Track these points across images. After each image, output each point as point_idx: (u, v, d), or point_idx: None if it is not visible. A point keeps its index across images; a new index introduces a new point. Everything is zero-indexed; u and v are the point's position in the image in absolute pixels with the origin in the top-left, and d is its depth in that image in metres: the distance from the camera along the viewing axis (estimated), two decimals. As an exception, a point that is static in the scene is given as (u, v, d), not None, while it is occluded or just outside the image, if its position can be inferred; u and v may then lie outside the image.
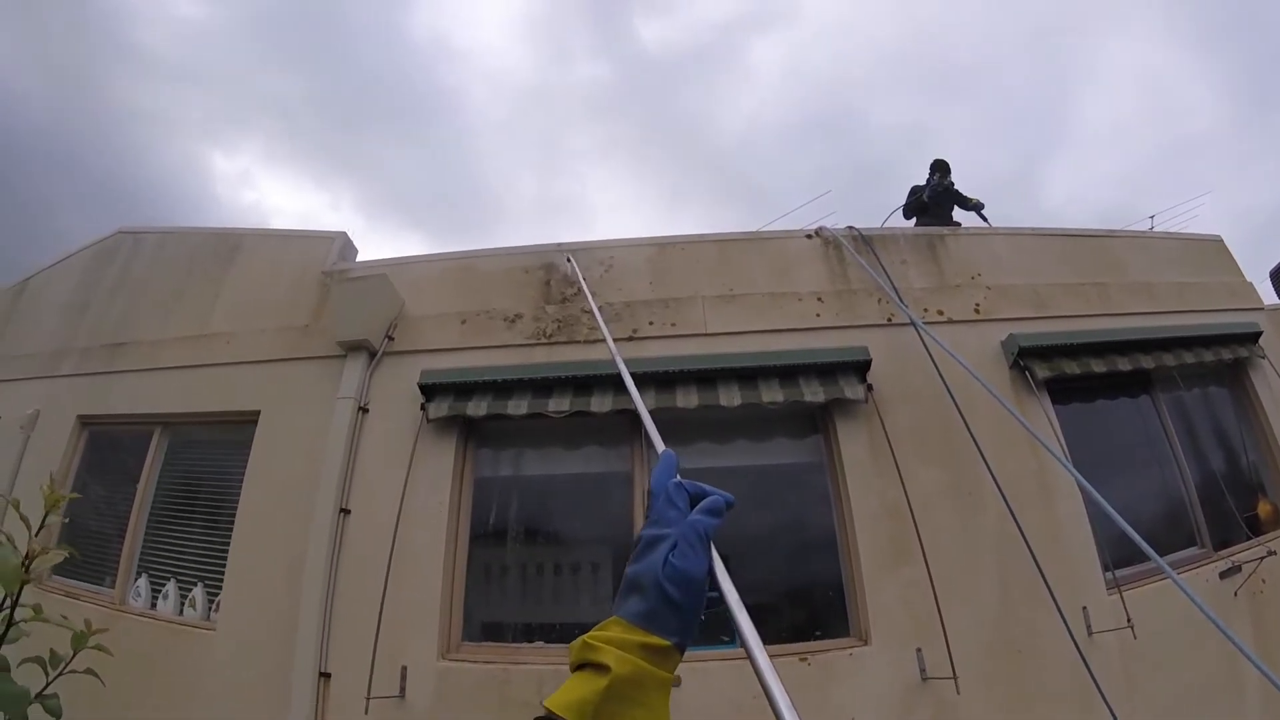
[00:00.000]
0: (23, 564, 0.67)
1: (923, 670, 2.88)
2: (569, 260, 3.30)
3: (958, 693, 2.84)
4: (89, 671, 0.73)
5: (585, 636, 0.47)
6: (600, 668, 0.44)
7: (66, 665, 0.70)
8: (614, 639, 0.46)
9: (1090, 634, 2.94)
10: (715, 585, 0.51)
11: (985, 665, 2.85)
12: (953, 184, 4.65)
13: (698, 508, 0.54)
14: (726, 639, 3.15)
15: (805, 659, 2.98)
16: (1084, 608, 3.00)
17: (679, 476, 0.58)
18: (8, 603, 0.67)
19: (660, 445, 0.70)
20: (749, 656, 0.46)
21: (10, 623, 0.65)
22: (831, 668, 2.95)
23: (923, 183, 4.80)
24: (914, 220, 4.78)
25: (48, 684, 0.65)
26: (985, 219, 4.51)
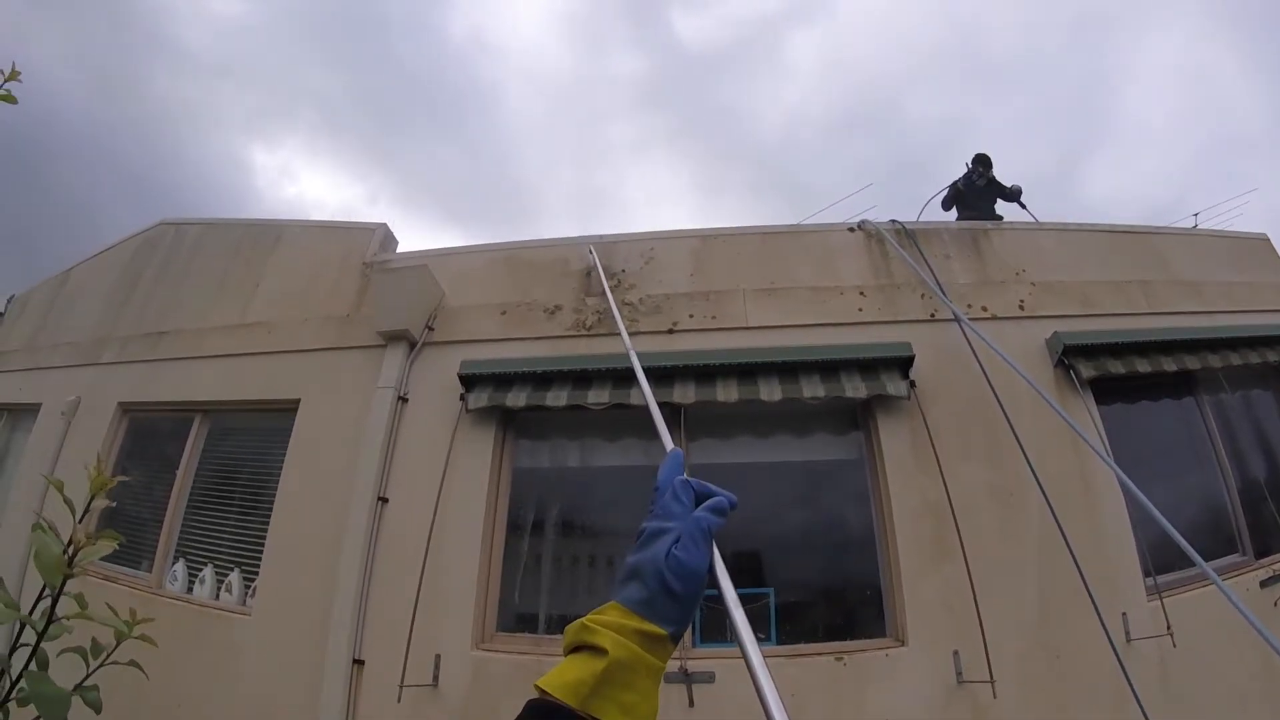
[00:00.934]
0: (65, 554, 0.62)
1: (959, 673, 2.83)
2: (590, 251, 3.28)
3: (994, 696, 2.79)
4: (132, 663, 0.71)
5: (583, 619, 0.47)
6: (597, 650, 0.44)
7: (108, 656, 0.68)
8: (612, 623, 0.46)
9: (1129, 640, 2.88)
10: (715, 584, 0.52)
11: (1023, 669, 2.80)
12: (994, 178, 4.59)
13: (703, 505, 0.55)
14: (762, 636, 3.14)
15: (841, 659, 2.94)
16: (1124, 614, 2.93)
17: (685, 474, 0.59)
18: (48, 593, 0.64)
19: (669, 442, 0.71)
20: (744, 655, 0.46)
21: (52, 618, 0.62)
22: (867, 668, 2.92)
23: (961, 177, 4.74)
24: (953, 212, 4.72)
25: (88, 675, 0.63)
26: (1025, 206, 4.44)
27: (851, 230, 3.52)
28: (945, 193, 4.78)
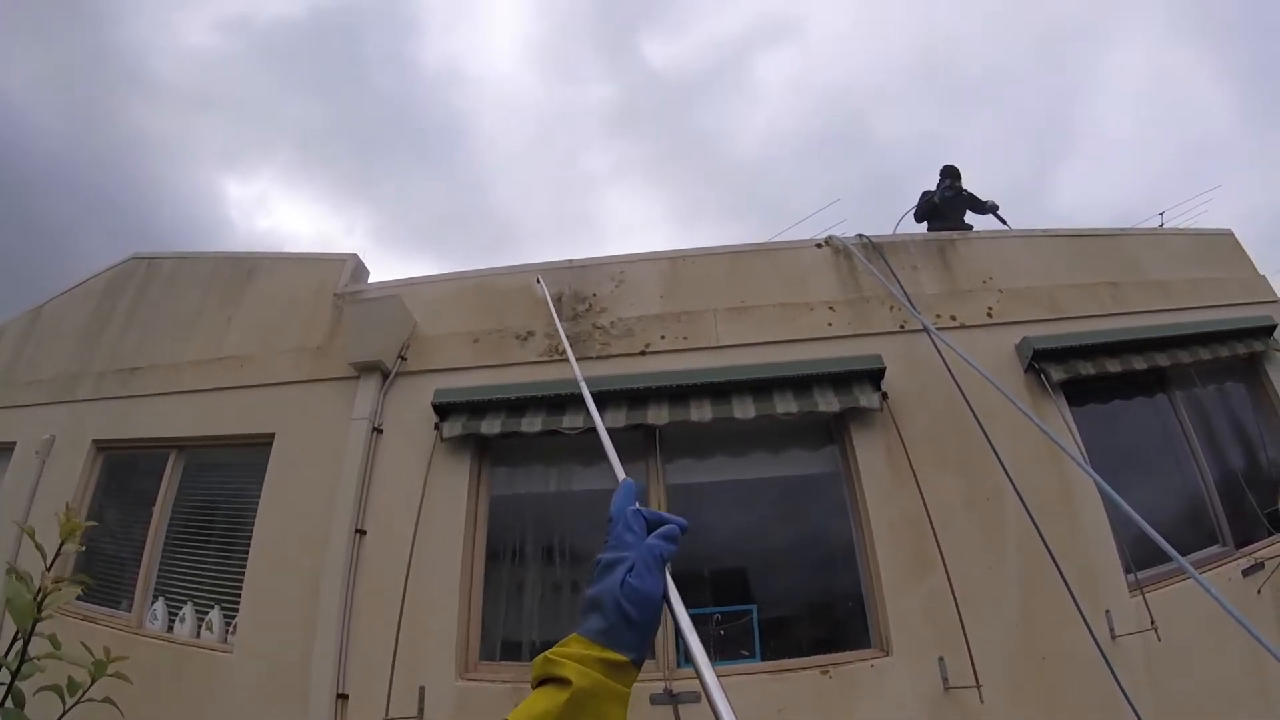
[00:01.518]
0: (36, 599, 0.64)
1: (945, 680, 2.85)
2: (538, 281, 3.30)
3: (981, 701, 2.81)
4: (107, 700, 0.72)
5: (547, 653, 0.49)
6: (561, 681, 0.46)
7: (84, 694, 0.68)
8: (574, 654, 0.48)
9: (1114, 638, 2.91)
10: (670, 610, 0.54)
11: (1009, 673, 2.82)
12: (963, 189, 4.65)
13: (654, 534, 0.56)
14: (746, 653, 3.14)
15: (826, 671, 2.95)
16: (1106, 611, 2.97)
17: (637, 504, 0.61)
18: (21, 636, 0.65)
19: (621, 472, 0.72)
20: (699, 677, 0.47)
21: (24, 658, 0.62)
22: (853, 679, 2.93)
23: (934, 188, 4.79)
24: (925, 224, 4.77)
25: (64, 713, 0.63)
26: (1004, 220, 4.49)
27: (819, 246, 3.55)
28: (918, 206, 4.83)
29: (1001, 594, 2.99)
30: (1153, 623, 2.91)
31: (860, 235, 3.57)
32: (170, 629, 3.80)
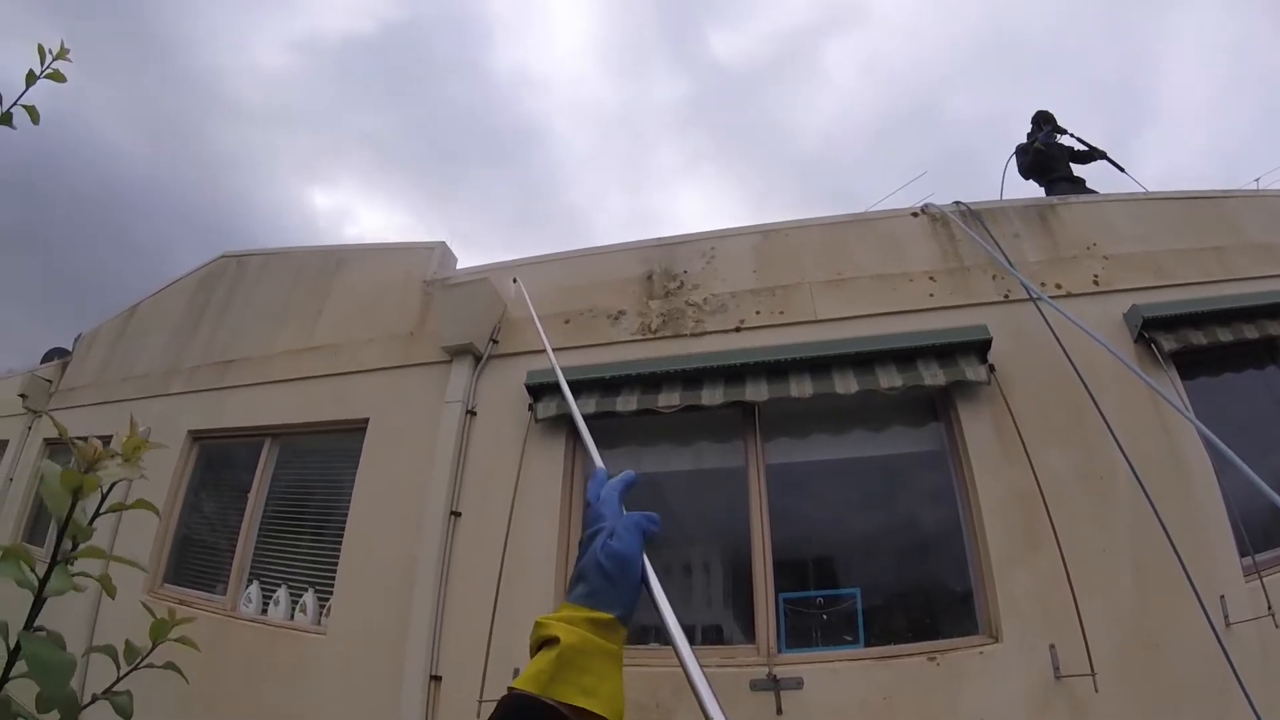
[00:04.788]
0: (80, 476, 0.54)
1: (1056, 668, 2.69)
2: (515, 281, 3.24)
3: (1096, 690, 2.65)
4: (169, 665, 0.65)
5: (539, 618, 0.52)
6: (552, 641, 0.49)
7: (143, 659, 0.62)
8: (562, 616, 0.52)
9: (1228, 624, 2.71)
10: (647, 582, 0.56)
11: (1121, 660, 2.65)
12: (1062, 134, 4.39)
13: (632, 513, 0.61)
14: (850, 639, 3.04)
15: (934, 659, 2.83)
16: (1221, 596, 2.76)
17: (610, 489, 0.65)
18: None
19: (598, 460, 0.76)
20: (676, 653, 0.50)
21: (56, 558, 0.55)
22: (961, 667, 2.80)
23: (1027, 140, 4.52)
24: (1038, 182, 4.45)
25: (120, 678, 0.57)
26: (1119, 165, 4.24)
27: (915, 215, 3.42)
28: (1021, 162, 4.48)
29: (1115, 576, 2.82)
30: (1270, 609, 2.70)
31: (957, 202, 3.43)
32: (264, 611, 3.91)
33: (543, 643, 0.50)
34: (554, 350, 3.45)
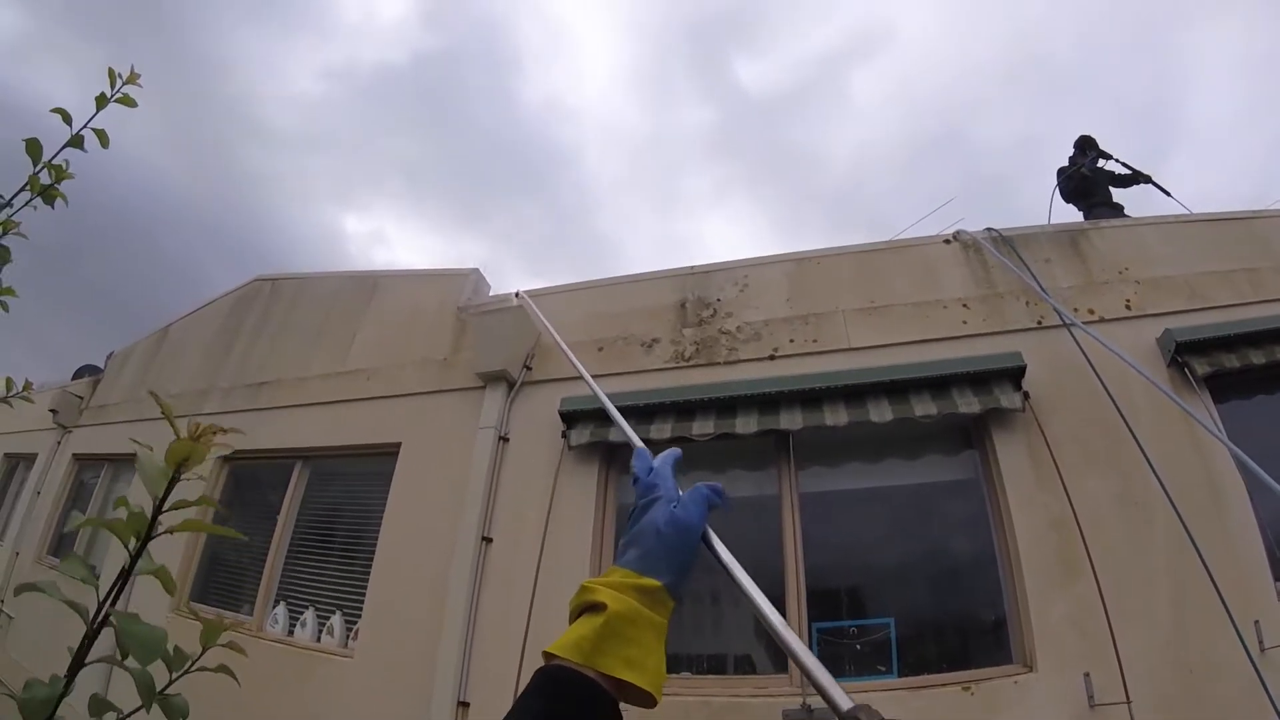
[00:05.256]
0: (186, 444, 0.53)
1: (1091, 696, 2.66)
2: (517, 295, 3.22)
3: (1131, 718, 2.61)
4: (221, 669, 0.66)
5: (585, 582, 0.50)
6: (598, 607, 0.46)
7: (193, 664, 0.62)
8: (611, 581, 0.49)
9: (1263, 649, 2.66)
10: (715, 554, 0.55)
11: (1156, 688, 2.60)
12: (1107, 159, 4.43)
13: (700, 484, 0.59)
14: (883, 669, 3.02)
15: (969, 688, 2.80)
16: (1256, 621, 2.71)
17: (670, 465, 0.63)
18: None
19: (637, 441, 0.74)
20: (753, 604, 0.50)
21: (151, 533, 0.54)
22: (996, 697, 2.77)
23: (1069, 164, 4.55)
24: (1078, 207, 4.49)
25: (171, 681, 0.58)
26: (1165, 190, 4.26)
27: (947, 242, 3.43)
28: (1064, 184, 4.49)
29: (1151, 603, 2.78)
30: (1303, 633, 2.65)
31: (989, 229, 3.43)
32: (291, 633, 3.93)
33: (585, 608, 0.48)
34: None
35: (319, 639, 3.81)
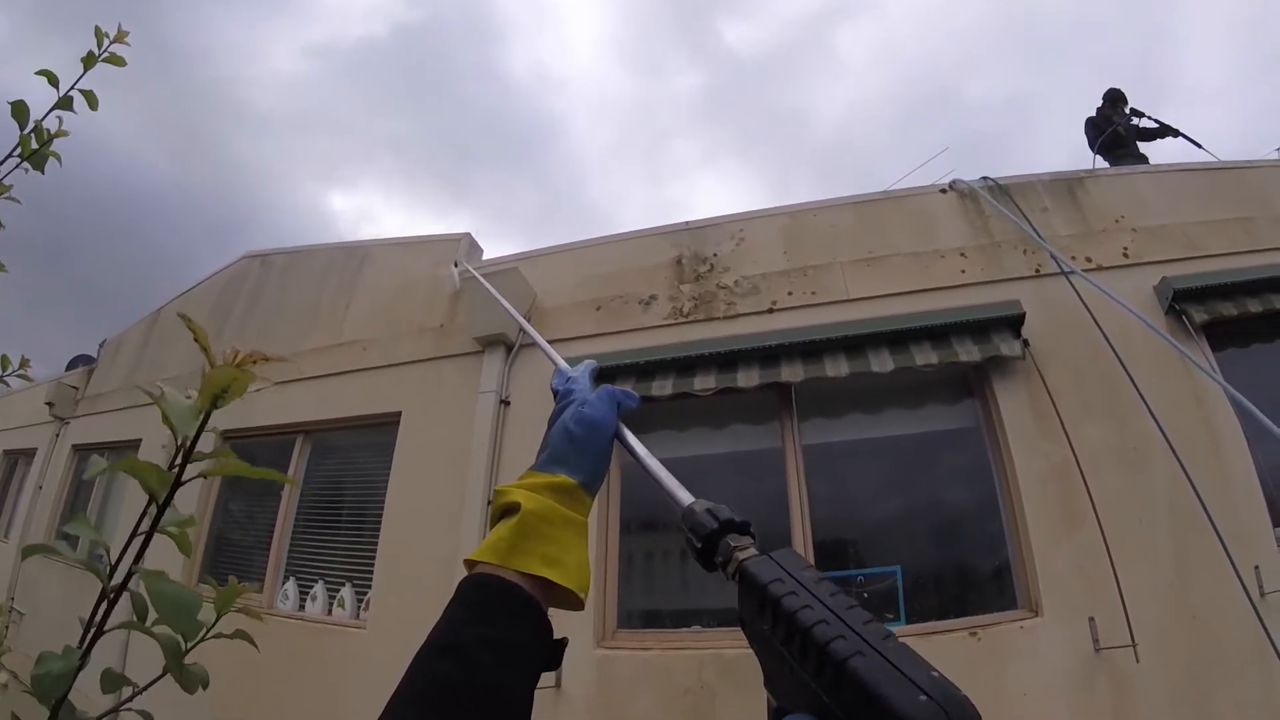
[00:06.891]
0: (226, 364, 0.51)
1: (1096, 640, 2.71)
2: (455, 265, 3.11)
3: (1137, 661, 2.66)
4: (238, 634, 0.63)
5: (498, 486, 0.50)
6: (512, 509, 0.46)
7: (209, 630, 0.59)
8: (524, 483, 0.49)
9: (1263, 594, 2.71)
10: (627, 448, 0.54)
11: (1160, 632, 2.65)
12: (1139, 116, 4.45)
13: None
14: (891, 616, 3.05)
15: (975, 634, 2.85)
16: (1256, 567, 2.76)
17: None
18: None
19: (560, 363, 0.74)
20: (638, 460, 0.50)
21: (179, 481, 0.51)
22: (1003, 641, 2.81)
23: (1096, 115, 4.55)
24: (1105, 158, 4.50)
25: (187, 650, 0.55)
26: (1197, 142, 4.29)
27: (943, 191, 3.41)
28: (1098, 138, 4.49)
29: (1153, 548, 2.82)
30: (1302, 578, 2.70)
31: (985, 177, 3.42)
32: (302, 608, 3.94)
33: (503, 512, 0.47)
34: (586, 337, 3.47)
35: (330, 612, 3.81)
